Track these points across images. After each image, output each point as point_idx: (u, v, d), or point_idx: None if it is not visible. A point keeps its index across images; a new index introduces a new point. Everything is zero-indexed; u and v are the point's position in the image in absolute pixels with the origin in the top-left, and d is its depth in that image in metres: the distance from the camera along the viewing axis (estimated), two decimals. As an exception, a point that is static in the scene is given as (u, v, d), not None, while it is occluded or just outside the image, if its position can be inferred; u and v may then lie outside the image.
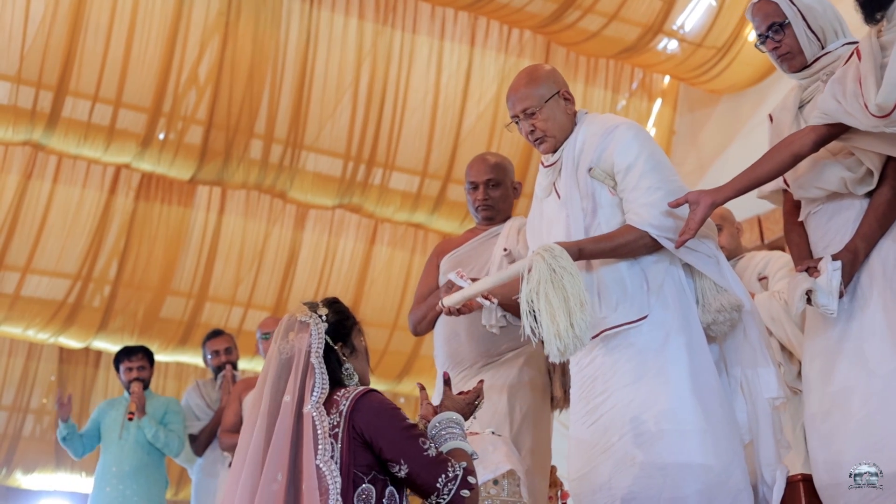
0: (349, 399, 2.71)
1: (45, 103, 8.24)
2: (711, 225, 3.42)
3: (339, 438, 2.66)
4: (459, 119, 9.33)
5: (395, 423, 2.69)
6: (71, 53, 8.20)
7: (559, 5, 8.64)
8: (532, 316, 3.08)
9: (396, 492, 2.70)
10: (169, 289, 9.56)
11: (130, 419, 5.94)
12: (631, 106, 9.87)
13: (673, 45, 9.23)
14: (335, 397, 2.74)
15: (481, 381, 3.04)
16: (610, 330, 3.28)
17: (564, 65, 9.48)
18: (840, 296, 3.11)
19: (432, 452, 2.66)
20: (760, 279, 4.47)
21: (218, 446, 6.08)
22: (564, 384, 3.98)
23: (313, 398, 2.71)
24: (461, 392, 3.00)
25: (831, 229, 3.25)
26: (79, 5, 8.14)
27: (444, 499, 2.64)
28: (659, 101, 10.04)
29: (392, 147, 9.21)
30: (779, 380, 3.27)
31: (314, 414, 2.68)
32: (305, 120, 8.96)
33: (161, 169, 8.82)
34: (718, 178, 3.22)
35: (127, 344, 9.33)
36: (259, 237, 9.69)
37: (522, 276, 3.13)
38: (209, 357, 6.43)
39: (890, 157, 3.15)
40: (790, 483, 3.17)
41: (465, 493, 2.65)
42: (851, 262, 3.13)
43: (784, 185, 3.41)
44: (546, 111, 3.45)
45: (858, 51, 3.13)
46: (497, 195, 4.20)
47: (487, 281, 3.33)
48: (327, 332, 2.84)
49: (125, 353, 6.26)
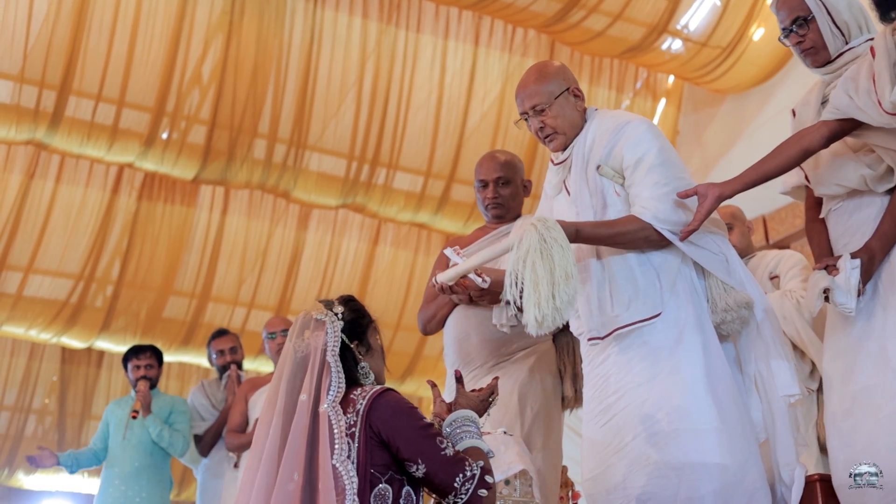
0: (366, 398, 2.69)
1: (49, 102, 8.22)
2: (721, 222, 3.40)
3: (356, 438, 2.64)
4: (463, 118, 9.32)
5: (413, 423, 2.67)
6: (74, 52, 8.18)
7: (563, 5, 8.62)
8: (516, 286, 3.05)
9: (413, 491, 2.68)
10: (172, 289, 9.53)
11: (134, 417, 5.91)
12: (635, 106, 9.85)
13: (677, 45, 9.21)
14: (351, 396, 2.71)
15: (496, 378, 3.02)
16: (623, 328, 3.25)
17: (568, 64, 9.42)
18: (859, 294, 3.09)
19: (450, 452, 2.64)
20: (772, 278, 4.45)
21: (223, 447, 6.05)
22: (575, 384, 3.96)
23: (329, 397, 2.69)
24: (474, 389, 2.99)
25: (851, 226, 3.24)
26: (82, 4, 8.12)
27: (462, 498, 2.62)
28: (663, 101, 10.03)
29: (396, 147, 9.19)
30: (794, 376, 3.23)
31: (330, 413, 2.66)
32: (309, 119, 8.94)
33: (164, 168, 8.80)
34: (722, 178, 3.21)
35: (129, 344, 9.37)
36: (262, 237, 9.67)
37: (513, 246, 3.11)
38: (214, 356, 6.40)
39: None
40: (806, 483, 3.14)
41: (483, 493, 2.63)
42: (868, 262, 3.11)
43: (806, 182, 3.40)
44: (556, 108, 3.42)
45: (873, 48, 3.12)
46: (507, 193, 4.18)
47: (481, 255, 3.31)
48: (343, 331, 2.82)
49: (133, 352, 6.24)
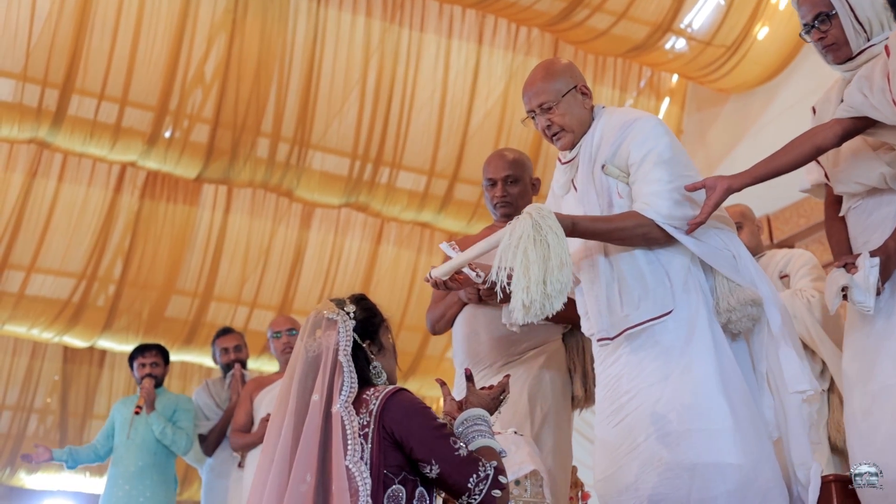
0: (379, 398, 2.67)
1: (51, 101, 8.21)
2: (728, 218, 3.37)
3: (369, 439, 2.62)
4: (467, 117, 9.31)
5: (426, 423, 2.64)
6: (77, 51, 8.17)
7: (567, 3, 8.61)
8: (504, 269, 3.00)
9: (426, 492, 2.65)
10: (174, 288, 9.53)
11: (137, 413, 5.90)
12: (638, 105, 9.83)
13: (681, 44, 9.20)
14: (364, 396, 2.69)
15: (507, 376, 2.99)
16: (634, 328, 3.23)
17: (572, 63, 9.44)
18: (878, 293, 3.06)
19: (463, 452, 2.61)
20: (782, 277, 4.43)
21: (228, 446, 6.03)
22: (585, 383, 3.93)
23: (342, 397, 2.66)
24: (484, 387, 2.96)
25: (871, 225, 3.21)
26: (85, 2, 8.11)
27: (476, 499, 2.59)
28: (667, 100, 10.01)
29: (399, 145, 9.18)
30: (805, 373, 3.17)
31: (343, 414, 2.63)
32: (312, 118, 8.93)
33: (167, 167, 8.79)
34: (726, 178, 3.18)
35: (131, 344, 9.36)
36: (265, 236, 9.66)
37: (505, 234, 3.07)
38: (218, 355, 6.38)
39: None
40: (822, 483, 3.10)
41: (497, 493, 2.60)
42: (887, 260, 3.09)
43: (826, 180, 3.37)
44: (563, 106, 3.38)
45: (887, 47, 3.10)
46: (516, 192, 4.15)
47: (476, 247, 3.25)
48: (355, 330, 2.79)
49: (139, 350, 6.24)
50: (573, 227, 3.13)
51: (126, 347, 9.52)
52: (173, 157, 8.69)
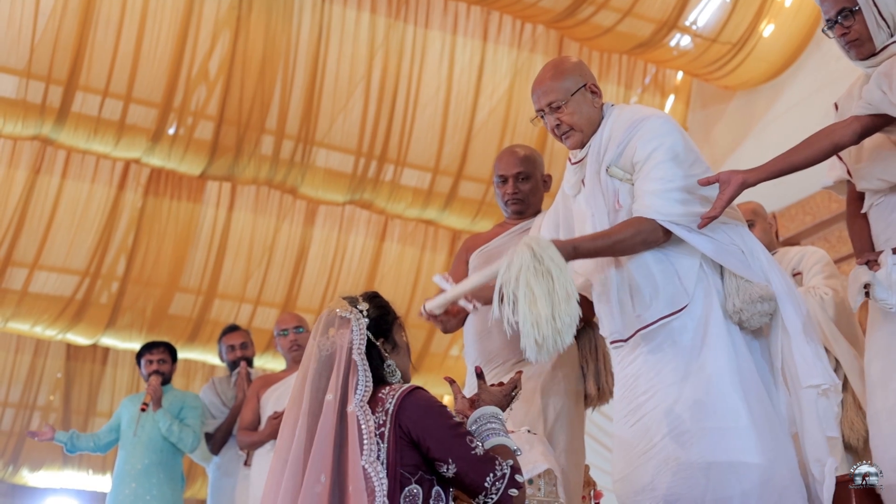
0: (395, 397, 2.64)
1: (55, 98, 8.18)
2: (738, 212, 3.33)
3: (386, 438, 2.60)
4: (472, 114, 9.27)
5: (443, 422, 2.62)
6: (81, 47, 8.14)
7: (573, 0, 8.57)
8: (509, 303, 2.93)
9: (443, 491, 2.64)
10: (178, 285, 9.50)
11: (143, 410, 5.88)
12: (643, 102, 9.79)
13: (687, 41, 9.16)
14: (380, 395, 2.67)
15: (519, 373, 2.96)
16: (646, 328, 3.20)
17: (577, 60, 9.41)
18: None
19: (480, 451, 2.60)
20: (795, 274, 4.41)
21: (234, 445, 6.00)
22: (598, 381, 3.92)
23: (357, 397, 2.64)
24: (494, 384, 2.94)
25: (894, 221, 3.18)
26: (89, -1, 8.09)
27: (493, 498, 2.58)
28: (672, 97, 9.98)
29: (403, 143, 9.15)
30: (819, 366, 3.11)
31: (359, 413, 2.61)
32: (317, 115, 8.90)
33: (171, 164, 8.76)
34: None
35: (135, 341, 9.35)
36: (269, 233, 9.64)
37: (502, 266, 3.00)
38: (224, 352, 6.36)
39: None
40: (840, 483, 3.07)
41: (514, 493, 2.59)
42: None
43: (848, 176, 3.35)
44: (572, 105, 3.36)
45: None
46: (527, 189, 4.14)
47: (470, 281, 3.22)
48: (368, 328, 2.78)
49: (147, 348, 6.23)
50: (575, 251, 3.10)
51: (129, 345, 9.51)
52: (177, 154, 8.66)
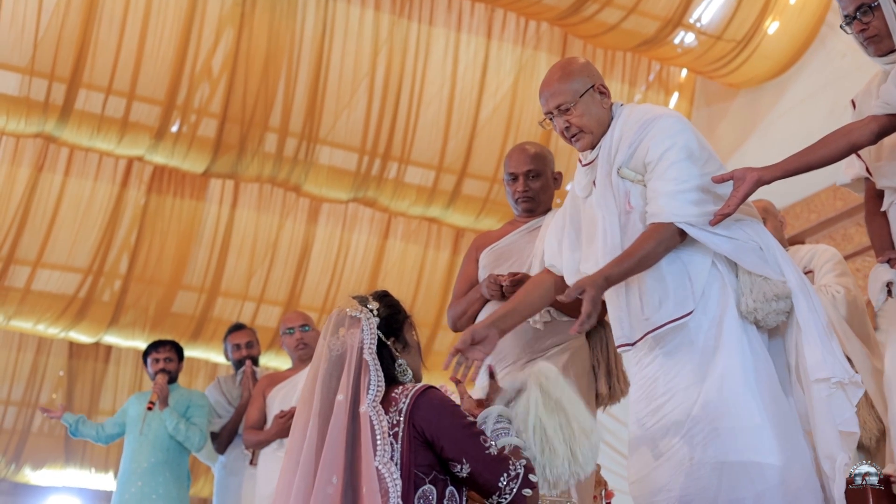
0: (409, 396, 2.62)
1: (58, 95, 8.17)
2: (752, 208, 3.30)
3: (399, 438, 2.58)
4: (476, 111, 9.26)
5: (457, 421, 2.60)
6: (84, 45, 8.12)
7: (577, -2, 8.57)
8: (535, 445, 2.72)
9: (457, 491, 2.62)
10: (181, 283, 9.49)
11: (150, 408, 5.87)
12: (647, 99, 9.77)
13: (691, 39, 9.14)
14: (393, 395, 2.65)
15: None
16: (655, 331, 3.17)
17: (581, 58, 9.39)
18: None
19: (493, 451, 2.58)
20: (806, 273, 4.38)
21: (240, 444, 5.98)
22: (609, 380, 3.90)
23: (369, 397, 2.62)
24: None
25: None
26: (92, -4, 8.07)
27: (506, 498, 2.56)
28: (676, 95, 9.95)
29: (407, 140, 9.13)
30: (829, 360, 3.04)
31: (371, 414, 2.59)
32: (320, 113, 8.88)
33: (174, 162, 8.75)
34: (736, 174, 3.08)
35: (138, 339, 9.34)
36: (272, 231, 9.62)
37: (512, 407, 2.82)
38: (230, 351, 6.34)
39: None
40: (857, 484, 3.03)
41: (527, 493, 2.57)
42: None
43: (867, 174, 3.32)
44: (581, 106, 3.32)
45: None
46: (537, 186, 4.11)
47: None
48: (379, 327, 2.75)
49: (153, 346, 6.22)
50: (606, 282, 3.07)
51: (132, 343, 9.50)
52: (181, 152, 8.64)
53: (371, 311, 2.77)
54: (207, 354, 9.71)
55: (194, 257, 9.46)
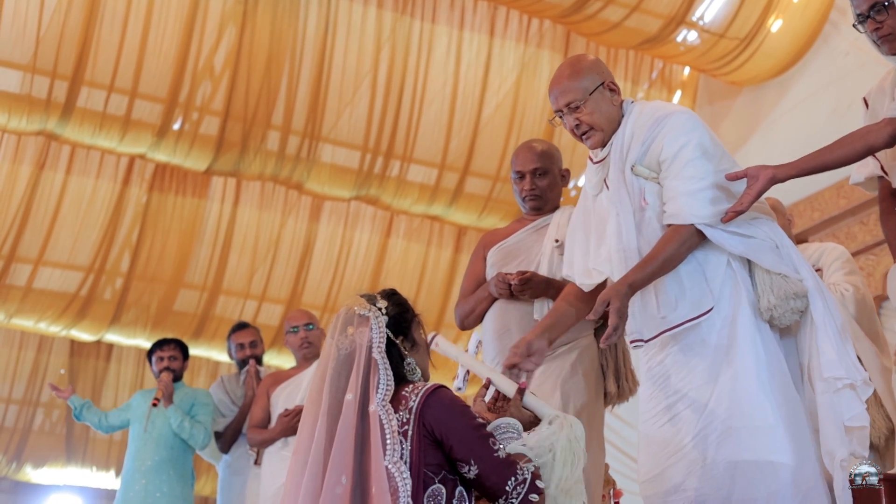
0: (419, 395, 2.61)
1: (60, 93, 8.15)
2: (766, 206, 3.28)
3: (409, 437, 2.56)
4: (478, 109, 9.24)
5: (467, 422, 2.59)
6: (86, 42, 8.10)
7: (580, -5, 8.55)
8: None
9: (465, 492, 2.60)
10: (182, 281, 9.47)
11: (154, 405, 5.86)
12: (650, 97, 9.75)
13: (694, 37, 9.12)
14: (402, 394, 2.63)
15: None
16: (671, 330, 3.16)
17: (582, 56, 9.37)
18: None
19: (502, 454, 2.57)
20: (815, 271, 4.36)
21: (244, 443, 5.96)
22: (618, 379, 3.88)
23: (379, 396, 2.60)
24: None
25: None
26: (94, -7, 8.05)
27: (513, 502, 2.54)
28: (678, 93, 9.93)
29: (410, 138, 9.11)
30: (845, 360, 3.03)
31: (381, 413, 2.58)
32: (323, 111, 8.86)
33: (177, 159, 8.73)
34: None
35: (139, 338, 9.32)
36: (274, 229, 9.61)
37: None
38: (234, 350, 6.32)
39: None
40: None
41: (534, 498, 2.55)
42: None
43: (882, 173, 3.30)
44: (591, 104, 3.31)
45: None
46: (544, 184, 4.09)
47: (491, 374, 3.03)
48: (388, 326, 2.73)
49: (158, 344, 6.22)
50: (631, 289, 3.08)
51: (133, 341, 9.49)
52: (183, 150, 8.63)
53: (380, 310, 2.76)
54: (209, 353, 9.70)
55: (196, 255, 9.45)
